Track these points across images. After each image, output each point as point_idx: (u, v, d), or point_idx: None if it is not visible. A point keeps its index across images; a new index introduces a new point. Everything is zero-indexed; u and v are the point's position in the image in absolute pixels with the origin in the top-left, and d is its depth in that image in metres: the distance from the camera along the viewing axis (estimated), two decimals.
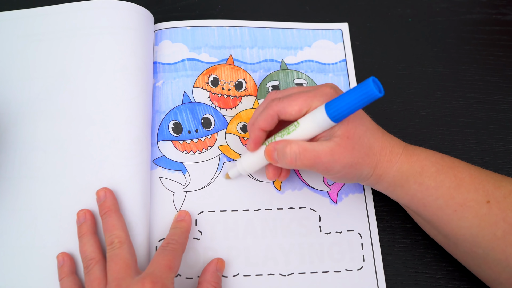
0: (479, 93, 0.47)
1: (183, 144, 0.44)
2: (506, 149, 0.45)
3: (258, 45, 0.49)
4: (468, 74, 0.48)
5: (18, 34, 0.46)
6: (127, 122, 0.42)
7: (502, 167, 0.44)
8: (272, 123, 0.36)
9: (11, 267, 0.39)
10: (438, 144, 0.45)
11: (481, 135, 0.46)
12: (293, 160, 0.35)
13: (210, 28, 0.49)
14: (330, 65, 0.49)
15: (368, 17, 0.51)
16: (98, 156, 0.41)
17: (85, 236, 0.38)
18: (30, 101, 0.44)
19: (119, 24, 0.44)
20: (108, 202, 0.38)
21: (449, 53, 0.49)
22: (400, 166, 0.36)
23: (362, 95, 0.30)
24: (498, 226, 0.33)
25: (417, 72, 0.48)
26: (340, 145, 0.34)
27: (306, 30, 0.50)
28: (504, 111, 0.47)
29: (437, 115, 0.47)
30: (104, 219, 0.38)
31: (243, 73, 0.48)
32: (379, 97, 0.29)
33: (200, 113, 0.46)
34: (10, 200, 0.41)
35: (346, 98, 0.31)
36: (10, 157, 0.42)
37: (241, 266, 0.40)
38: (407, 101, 0.47)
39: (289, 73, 0.48)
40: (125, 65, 0.43)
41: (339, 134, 0.34)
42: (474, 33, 0.50)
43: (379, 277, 0.40)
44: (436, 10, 0.52)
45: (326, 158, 0.34)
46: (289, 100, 0.35)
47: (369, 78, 0.29)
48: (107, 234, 0.37)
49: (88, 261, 0.36)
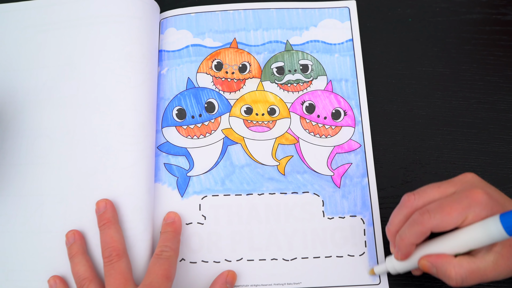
0: (479, 93, 0.47)
1: (186, 129, 0.45)
2: (506, 149, 0.45)
3: (263, 27, 0.49)
4: (468, 74, 0.48)
5: (25, 24, 0.47)
6: (132, 108, 0.42)
7: (502, 167, 0.44)
8: (423, 238, 0.34)
9: (18, 252, 0.39)
10: (438, 144, 0.45)
11: (481, 135, 0.46)
12: (460, 283, 0.33)
13: (214, 13, 0.49)
14: (336, 45, 0.48)
15: (368, 17, 0.51)
16: (103, 142, 0.41)
17: (76, 257, 0.37)
18: (37, 89, 0.44)
19: (124, 13, 0.45)
20: (108, 214, 0.38)
21: (449, 53, 0.49)
22: None
23: None
24: None
25: (417, 72, 0.48)
26: (503, 256, 0.32)
27: (312, 9, 0.50)
28: (504, 111, 0.47)
29: (437, 115, 0.46)
30: (102, 231, 0.38)
31: (247, 56, 0.48)
32: None
33: (204, 98, 0.46)
34: (17, 186, 0.41)
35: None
36: (17, 144, 0.43)
37: (244, 250, 0.40)
38: (407, 101, 0.47)
39: (294, 54, 0.48)
40: (130, 53, 0.44)
41: (500, 243, 0.32)
42: (474, 33, 0.50)
43: (380, 263, 0.40)
44: (436, 10, 0.52)
45: (491, 274, 0.32)
46: (442, 215, 0.32)
47: None
48: (104, 247, 0.37)
49: (81, 281, 0.36)
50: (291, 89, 0.46)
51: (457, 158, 0.45)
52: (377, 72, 0.48)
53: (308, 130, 0.45)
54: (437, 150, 0.45)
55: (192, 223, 0.41)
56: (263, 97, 0.46)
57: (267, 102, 0.46)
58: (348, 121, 0.45)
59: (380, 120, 0.46)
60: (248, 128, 0.45)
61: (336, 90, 0.46)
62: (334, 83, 0.47)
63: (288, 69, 0.47)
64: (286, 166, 0.44)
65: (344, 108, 0.46)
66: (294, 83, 0.47)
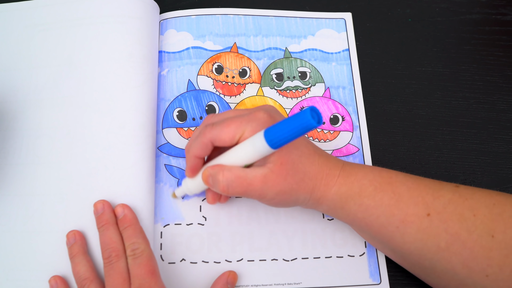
0: (479, 93, 0.48)
1: (187, 131, 0.45)
2: (506, 149, 0.45)
3: (262, 33, 0.49)
4: (468, 74, 0.48)
5: (26, 24, 0.47)
6: (132, 109, 0.42)
7: (502, 167, 0.44)
8: (206, 150, 0.35)
9: (18, 252, 0.39)
10: (438, 144, 0.45)
11: (481, 135, 0.46)
12: (225, 187, 0.34)
13: (215, 17, 0.50)
14: (334, 54, 0.49)
15: (368, 17, 0.51)
16: (103, 142, 0.41)
17: (77, 257, 0.37)
18: (37, 89, 0.44)
19: (125, 13, 0.45)
20: (106, 215, 0.38)
21: (449, 53, 0.49)
22: (338, 189, 0.35)
23: (300, 124, 0.30)
24: (441, 237, 0.33)
25: (417, 72, 0.49)
26: (273, 172, 0.33)
27: (310, 19, 0.50)
28: (504, 111, 0.47)
29: (437, 115, 0.47)
30: (101, 232, 0.38)
31: (247, 61, 0.48)
32: (316, 127, 0.29)
33: (205, 101, 0.46)
34: (18, 186, 0.41)
35: (285, 126, 0.31)
36: (17, 144, 0.43)
37: (245, 251, 0.41)
38: (407, 101, 0.47)
39: (292, 61, 0.48)
40: (130, 54, 0.44)
41: (272, 160, 0.33)
42: (474, 33, 0.50)
43: (380, 263, 0.40)
44: (436, 10, 0.52)
45: (259, 186, 0.33)
46: (222, 127, 0.34)
47: (307, 108, 0.29)
48: (104, 248, 0.37)
49: (82, 281, 0.36)
50: (290, 95, 0.47)
51: (457, 158, 0.45)
52: (377, 72, 0.48)
53: (307, 135, 0.45)
54: (437, 150, 0.45)
55: (192, 224, 0.41)
56: (263, 102, 0.46)
57: None
58: (346, 126, 0.46)
59: (380, 120, 0.46)
60: None
61: (334, 96, 0.47)
62: (332, 90, 0.47)
63: (287, 76, 0.48)
64: None
65: (342, 113, 0.46)
66: (293, 90, 0.47)
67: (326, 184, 0.35)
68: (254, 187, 0.33)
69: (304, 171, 0.35)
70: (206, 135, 0.35)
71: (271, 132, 0.31)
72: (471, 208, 0.33)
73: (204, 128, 0.35)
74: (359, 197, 0.35)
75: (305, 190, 0.35)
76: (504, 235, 0.32)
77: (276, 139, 0.31)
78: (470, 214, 0.33)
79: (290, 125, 0.30)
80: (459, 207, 0.33)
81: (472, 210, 0.33)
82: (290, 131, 0.30)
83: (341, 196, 0.35)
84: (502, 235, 0.32)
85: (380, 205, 0.34)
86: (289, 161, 0.34)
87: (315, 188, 0.35)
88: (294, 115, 0.30)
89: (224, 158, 0.35)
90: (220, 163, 0.35)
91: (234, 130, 0.34)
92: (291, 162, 0.34)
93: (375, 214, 0.35)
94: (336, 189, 0.35)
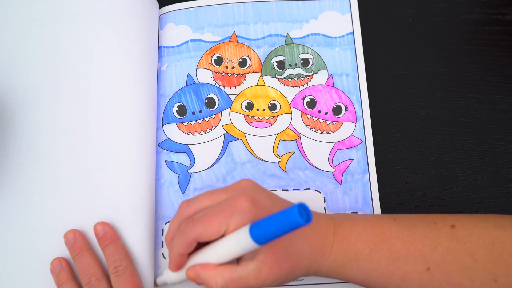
0: (479, 93, 0.47)
1: (187, 125, 0.45)
2: (506, 149, 0.45)
3: (262, 20, 0.48)
4: (468, 74, 0.48)
5: (22, 19, 0.46)
6: (132, 106, 0.42)
7: (502, 167, 0.44)
8: (191, 248, 0.33)
9: (19, 250, 0.39)
10: (438, 144, 0.45)
11: (481, 135, 0.46)
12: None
13: (213, 7, 0.49)
14: (337, 38, 0.48)
15: (368, 17, 0.51)
16: (103, 140, 0.41)
17: (65, 284, 0.37)
18: (36, 86, 0.44)
19: (123, 9, 0.45)
20: (78, 243, 0.38)
21: (449, 53, 0.49)
22: (334, 257, 0.34)
23: (286, 222, 0.28)
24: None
25: (417, 72, 0.48)
26: (266, 264, 0.32)
27: (312, 1, 0.49)
28: (504, 111, 0.47)
29: (437, 115, 0.47)
30: (76, 260, 0.38)
31: (247, 50, 0.47)
32: (305, 225, 0.27)
33: (204, 94, 0.46)
34: (18, 185, 0.41)
35: (271, 223, 0.29)
36: (17, 142, 0.42)
37: None
38: (407, 101, 0.47)
39: (294, 47, 0.47)
40: (129, 50, 0.43)
41: (263, 251, 0.32)
42: (474, 33, 0.50)
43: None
44: (436, 10, 0.52)
45: (254, 281, 0.32)
46: (204, 225, 0.32)
47: (295, 205, 0.27)
48: (82, 275, 0.37)
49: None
50: (291, 84, 0.46)
51: (457, 158, 0.45)
52: (377, 72, 0.48)
53: (309, 126, 0.45)
54: (437, 150, 0.45)
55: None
56: (263, 92, 0.46)
57: (268, 97, 0.46)
58: (349, 116, 0.45)
59: (380, 120, 0.46)
60: (249, 124, 0.45)
61: (337, 84, 0.46)
62: (335, 77, 0.47)
63: (289, 63, 0.47)
64: (287, 163, 0.43)
65: (345, 103, 0.46)
66: (295, 78, 0.46)
67: (322, 255, 0.34)
68: (250, 284, 0.32)
69: (297, 251, 0.33)
70: (189, 234, 0.32)
71: (257, 229, 0.29)
72: (471, 253, 0.33)
73: (185, 226, 0.33)
74: (356, 262, 0.34)
75: (302, 269, 0.34)
76: (507, 277, 0.32)
77: (262, 237, 0.29)
78: (470, 261, 0.33)
79: (276, 222, 0.28)
80: (458, 255, 0.33)
81: (472, 255, 0.33)
82: (276, 229, 0.28)
83: (338, 263, 0.34)
84: (505, 277, 0.32)
85: (378, 267, 0.34)
86: (281, 248, 0.32)
87: (311, 263, 0.34)
88: (280, 212, 0.28)
89: (210, 254, 0.33)
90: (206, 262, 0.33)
91: (218, 227, 0.32)
92: (283, 249, 0.32)
93: (375, 276, 0.34)
94: (332, 258, 0.34)
